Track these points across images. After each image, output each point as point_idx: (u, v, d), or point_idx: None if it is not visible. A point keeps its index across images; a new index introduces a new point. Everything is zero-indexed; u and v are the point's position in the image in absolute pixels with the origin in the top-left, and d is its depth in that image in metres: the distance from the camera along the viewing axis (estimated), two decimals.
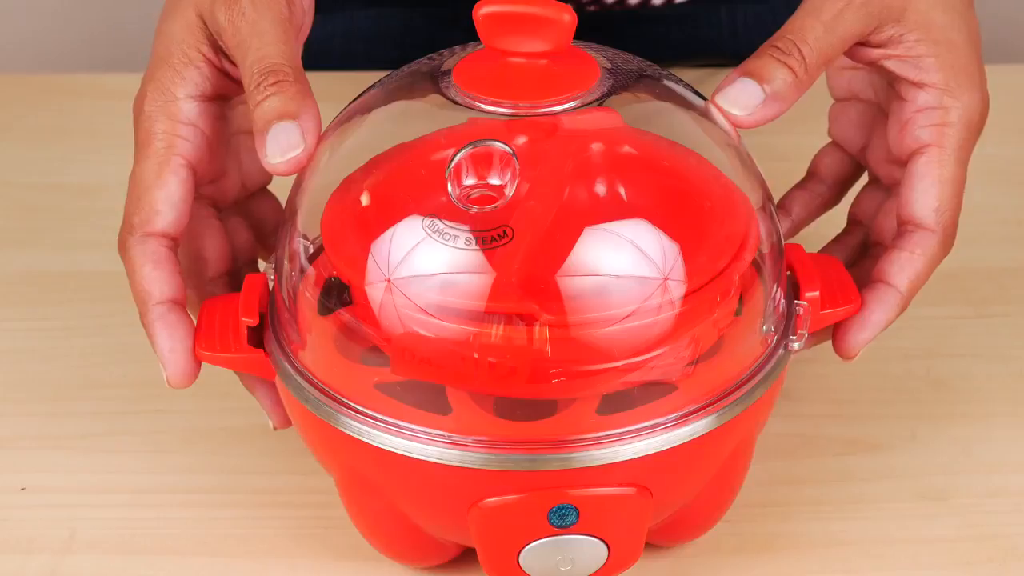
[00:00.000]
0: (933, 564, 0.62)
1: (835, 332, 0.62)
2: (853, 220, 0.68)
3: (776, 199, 0.63)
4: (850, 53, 0.63)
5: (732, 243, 0.56)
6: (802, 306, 0.59)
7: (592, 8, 0.94)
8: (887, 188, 0.66)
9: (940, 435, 0.69)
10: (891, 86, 0.64)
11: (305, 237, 0.57)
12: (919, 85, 0.63)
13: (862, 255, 0.67)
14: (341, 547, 0.62)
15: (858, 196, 0.68)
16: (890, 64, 0.63)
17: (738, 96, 0.59)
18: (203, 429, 0.69)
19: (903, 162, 0.63)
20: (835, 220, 0.69)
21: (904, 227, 0.63)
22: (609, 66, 0.57)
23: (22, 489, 0.66)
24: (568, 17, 0.54)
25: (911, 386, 0.71)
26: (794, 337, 0.58)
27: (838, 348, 0.62)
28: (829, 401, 0.70)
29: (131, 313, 0.76)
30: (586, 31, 0.63)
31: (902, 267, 0.63)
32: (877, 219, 0.66)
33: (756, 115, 0.59)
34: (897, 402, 0.70)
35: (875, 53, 0.63)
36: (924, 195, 0.63)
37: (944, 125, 0.62)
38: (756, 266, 0.57)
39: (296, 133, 0.56)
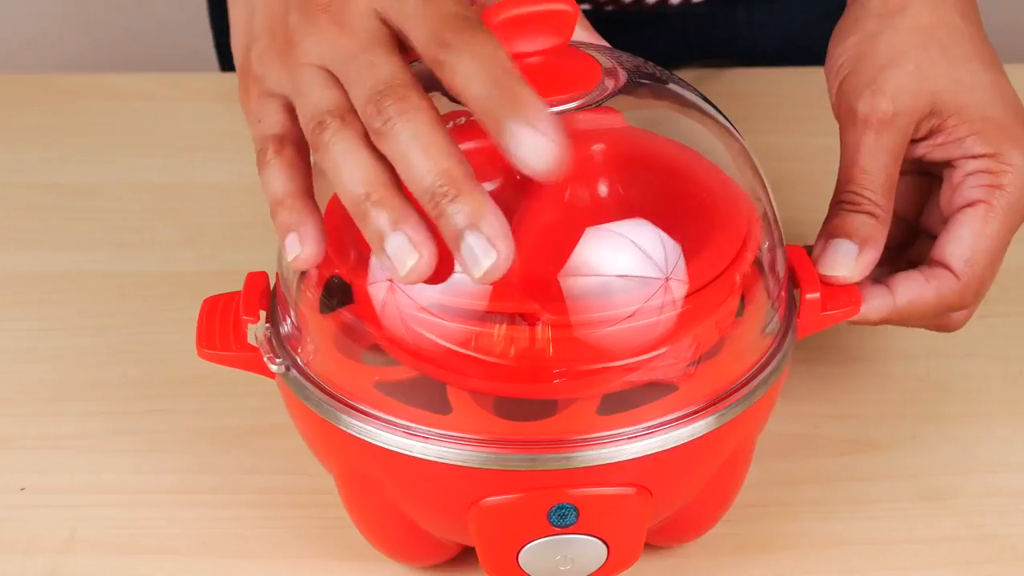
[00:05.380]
0: (933, 564, 0.62)
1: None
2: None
3: (776, 199, 0.63)
4: None
5: (733, 243, 0.56)
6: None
7: (610, 8, 0.94)
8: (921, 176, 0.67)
9: (940, 435, 0.68)
10: (940, 162, 0.65)
11: None
12: (968, 157, 0.63)
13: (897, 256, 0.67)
14: (341, 547, 0.62)
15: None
16: (935, 155, 0.64)
17: (835, 258, 0.61)
18: (203, 429, 0.69)
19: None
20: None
21: (933, 263, 0.64)
22: (610, 66, 0.57)
23: (22, 489, 0.66)
24: (570, 8, 0.54)
25: (911, 386, 0.71)
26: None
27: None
28: (829, 401, 0.70)
29: (131, 313, 0.76)
30: (604, 30, 0.64)
31: (909, 287, 0.63)
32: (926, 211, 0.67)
33: (860, 267, 0.61)
34: (897, 402, 0.70)
35: (919, 149, 0.64)
36: (958, 243, 0.63)
37: (996, 187, 0.63)
38: (757, 267, 0.57)
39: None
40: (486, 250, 0.49)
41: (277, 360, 0.57)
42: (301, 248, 0.53)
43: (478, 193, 0.49)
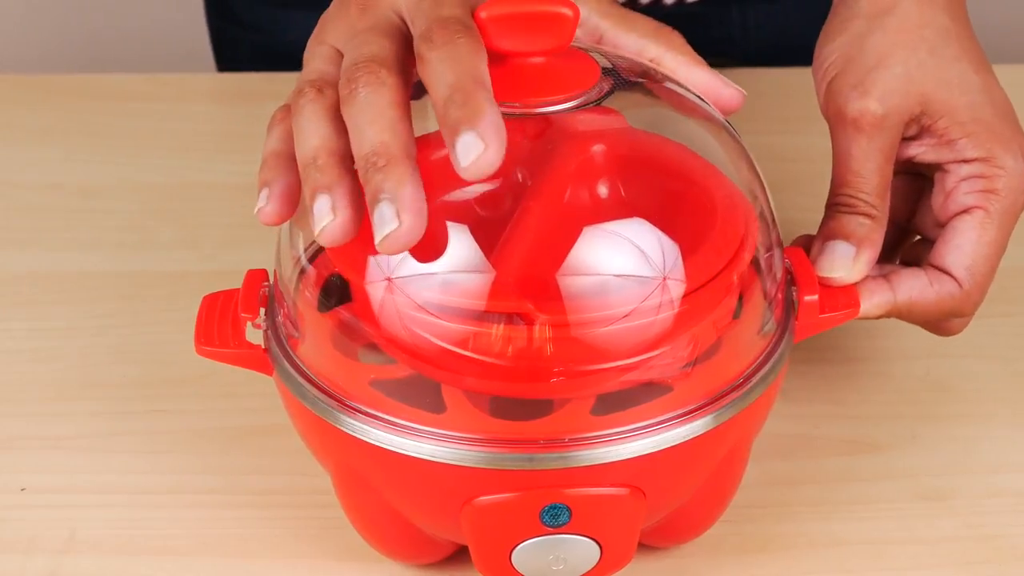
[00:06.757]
0: (933, 564, 0.62)
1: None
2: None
3: (776, 200, 0.63)
4: None
5: (731, 243, 0.56)
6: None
7: None
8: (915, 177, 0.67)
9: (940, 435, 0.68)
10: (932, 164, 0.65)
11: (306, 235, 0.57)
12: (960, 162, 0.63)
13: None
14: (340, 547, 0.62)
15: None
16: (927, 157, 0.64)
17: (833, 260, 0.61)
18: (203, 429, 0.69)
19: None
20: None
21: (934, 268, 0.64)
22: (608, 66, 0.57)
23: (22, 489, 0.66)
24: (571, 12, 0.54)
25: (911, 386, 0.71)
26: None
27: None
28: (829, 401, 0.70)
29: (131, 313, 0.76)
30: None
31: (912, 285, 0.63)
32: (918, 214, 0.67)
33: (858, 267, 0.61)
34: (897, 402, 0.70)
35: (910, 150, 0.64)
36: (958, 251, 0.63)
37: (990, 191, 0.63)
38: (755, 267, 0.57)
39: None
40: (391, 219, 0.50)
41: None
42: (267, 202, 0.55)
43: (405, 168, 0.51)
